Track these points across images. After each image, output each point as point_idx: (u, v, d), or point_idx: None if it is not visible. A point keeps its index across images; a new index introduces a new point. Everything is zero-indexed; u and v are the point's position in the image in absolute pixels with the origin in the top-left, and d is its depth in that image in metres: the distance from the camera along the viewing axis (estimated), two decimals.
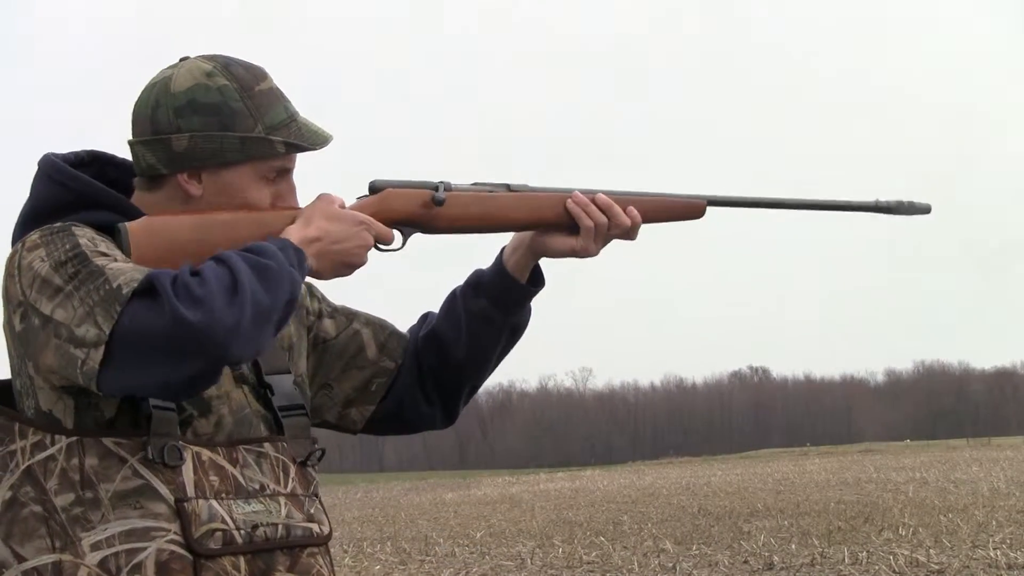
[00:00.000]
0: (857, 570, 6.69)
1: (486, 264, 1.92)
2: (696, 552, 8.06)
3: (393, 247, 1.78)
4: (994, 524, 8.62)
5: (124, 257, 1.58)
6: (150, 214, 1.67)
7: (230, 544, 1.58)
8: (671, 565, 7.43)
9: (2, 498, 1.58)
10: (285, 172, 1.73)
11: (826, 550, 7.52)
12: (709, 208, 1.92)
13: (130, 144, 1.71)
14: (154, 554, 1.54)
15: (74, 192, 1.66)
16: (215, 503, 1.59)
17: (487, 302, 1.88)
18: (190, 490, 1.58)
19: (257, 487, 1.65)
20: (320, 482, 1.75)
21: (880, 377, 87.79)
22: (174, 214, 1.67)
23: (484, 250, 1.92)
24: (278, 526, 1.64)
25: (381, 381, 1.90)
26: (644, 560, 7.76)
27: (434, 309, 1.95)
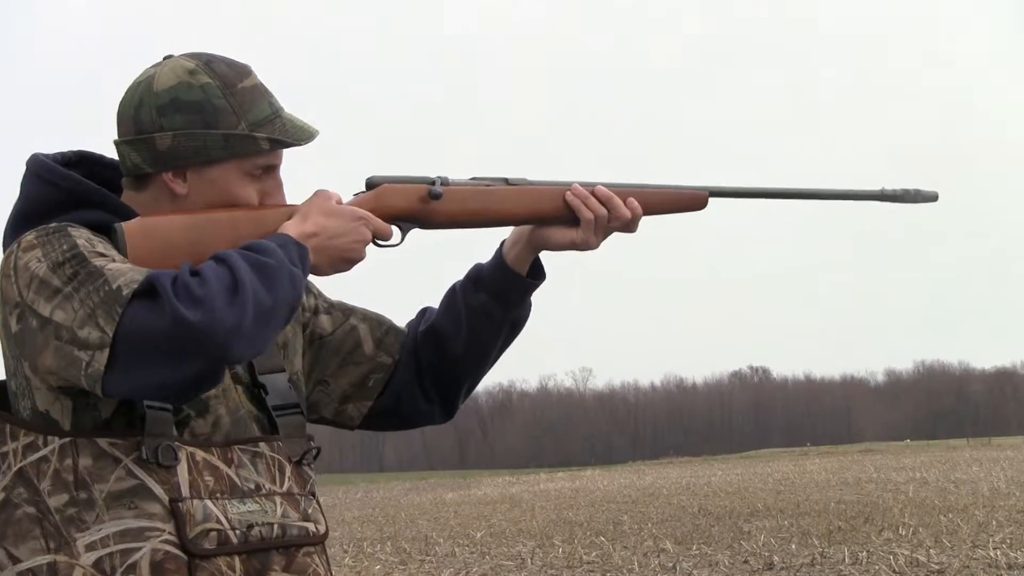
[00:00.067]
0: (857, 570, 6.68)
1: (485, 259, 1.90)
2: (696, 552, 8.05)
3: (391, 243, 1.77)
4: (994, 524, 8.62)
5: (122, 258, 1.57)
6: (140, 214, 1.66)
7: (225, 544, 1.58)
8: (671, 565, 7.42)
9: None
10: (271, 168, 1.72)
11: (826, 550, 7.51)
12: (711, 199, 1.89)
13: (116, 144, 1.70)
14: (149, 554, 1.53)
15: (64, 191, 1.65)
16: (210, 503, 1.59)
17: (487, 296, 1.86)
18: (185, 490, 1.58)
19: (252, 487, 1.64)
20: (320, 482, 1.74)
21: (880, 377, 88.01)
22: (169, 214, 1.66)
23: (483, 245, 1.90)
24: (273, 526, 1.63)
25: (378, 377, 1.89)
26: (644, 560, 7.75)
27: (433, 304, 1.93)
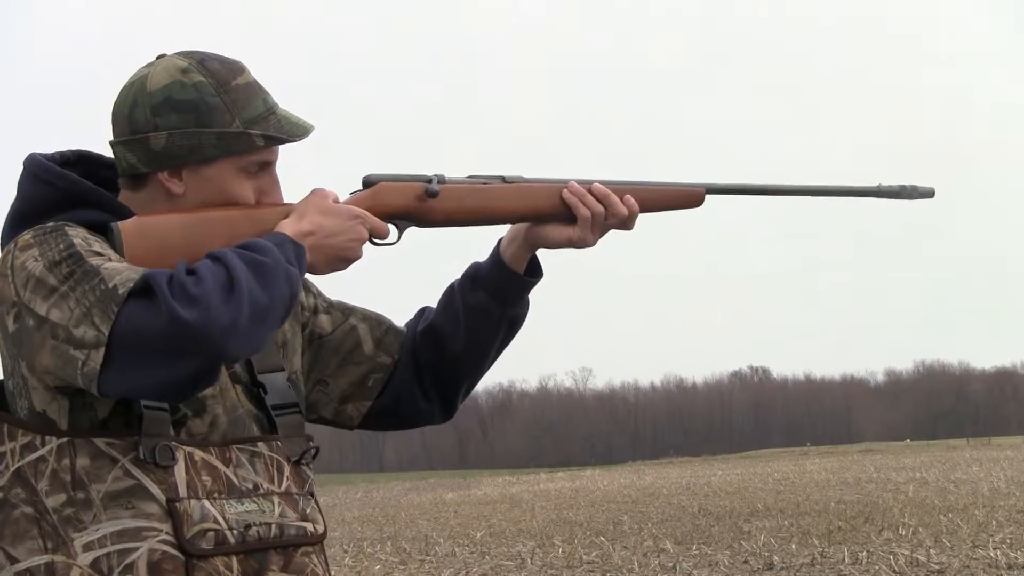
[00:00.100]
0: (857, 570, 6.67)
1: (483, 257, 1.90)
2: (696, 552, 8.04)
3: (388, 241, 1.77)
4: (994, 524, 8.61)
5: (118, 257, 1.57)
6: (137, 213, 1.65)
7: (222, 544, 1.58)
8: (671, 565, 7.41)
9: None
10: (267, 166, 1.71)
11: (826, 550, 7.50)
12: (708, 196, 1.89)
13: (111, 144, 1.70)
14: (146, 554, 1.53)
15: (61, 191, 1.65)
16: (207, 503, 1.58)
17: (485, 295, 1.86)
18: (182, 490, 1.57)
19: (250, 487, 1.64)
20: (320, 482, 1.74)
21: (880, 377, 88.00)
22: (166, 213, 1.66)
23: (481, 243, 1.90)
24: (271, 525, 1.63)
25: (378, 377, 1.89)
26: (644, 560, 7.75)
27: (431, 303, 1.93)
